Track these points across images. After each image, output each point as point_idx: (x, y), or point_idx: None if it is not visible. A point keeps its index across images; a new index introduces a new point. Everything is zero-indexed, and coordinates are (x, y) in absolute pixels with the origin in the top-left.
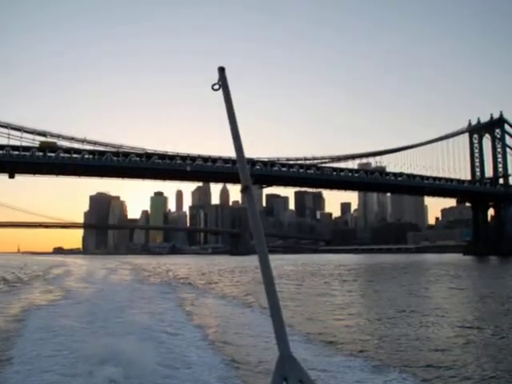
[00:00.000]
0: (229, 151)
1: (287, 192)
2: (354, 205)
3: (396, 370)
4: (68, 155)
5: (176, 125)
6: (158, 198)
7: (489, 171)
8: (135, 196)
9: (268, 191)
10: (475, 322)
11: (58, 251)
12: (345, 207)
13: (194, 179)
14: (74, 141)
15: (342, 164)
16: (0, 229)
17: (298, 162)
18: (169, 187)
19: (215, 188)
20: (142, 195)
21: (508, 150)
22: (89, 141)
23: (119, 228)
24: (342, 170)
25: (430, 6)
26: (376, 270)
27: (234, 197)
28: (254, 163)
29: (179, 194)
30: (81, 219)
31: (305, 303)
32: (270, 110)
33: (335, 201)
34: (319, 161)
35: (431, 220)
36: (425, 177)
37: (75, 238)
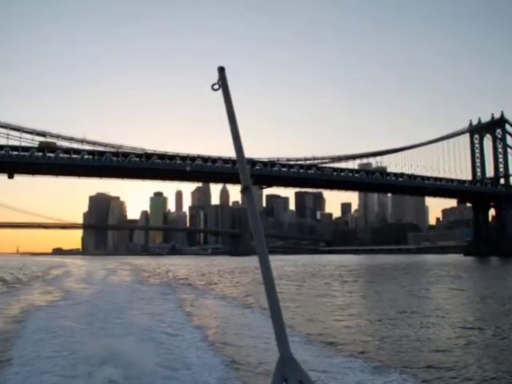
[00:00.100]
0: (229, 151)
1: (287, 192)
2: (355, 205)
3: (397, 371)
4: (67, 155)
5: (176, 125)
6: (158, 199)
7: (490, 171)
8: (135, 196)
9: (268, 191)
10: (476, 323)
11: (58, 252)
12: (345, 207)
13: (194, 179)
14: (74, 141)
15: (343, 164)
16: None
17: (298, 163)
18: (168, 187)
19: (215, 188)
20: (142, 195)
21: (509, 150)
22: (88, 141)
23: (119, 228)
24: (343, 171)
25: (430, 6)
26: (376, 271)
27: (234, 197)
28: (254, 163)
29: (179, 195)
30: (80, 220)
31: (305, 304)
32: (270, 110)
33: (336, 201)
34: (319, 161)
35: (432, 220)
36: (425, 177)
37: (74, 239)
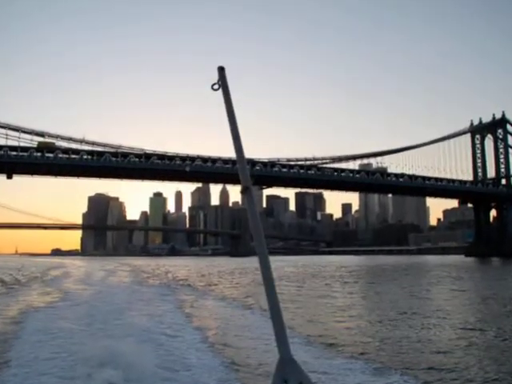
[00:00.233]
0: (229, 151)
1: (287, 193)
2: (355, 206)
3: (397, 373)
4: (66, 156)
5: (176, 125)
6: (157, 199)
7: (491, 172)
8: (134, 197)
9: (268, 192)
10: (477, 324)
11: (56, 253)
12: (346, 208)
13: (194, 180)
14: (73, 141)
15: (343, 165)
16: None
17: (299, 163)
18: (168, 188)
19: (215, 189)
20: (141, 196)
21: (510, 151)
22: (87, 141)
23: (118, 229)
24: (343, 171)
25: (430, 6)
26: (377, 272)
27: (234, 198)
28: (254, 164)
29: (178, 195)
30: (79, 220)
31: (305, 305)
32: (270, 110)
33: (336, 202)
34: (320, 161)
35: (433, 221)
36: (426, 177)
37: (73, 240)
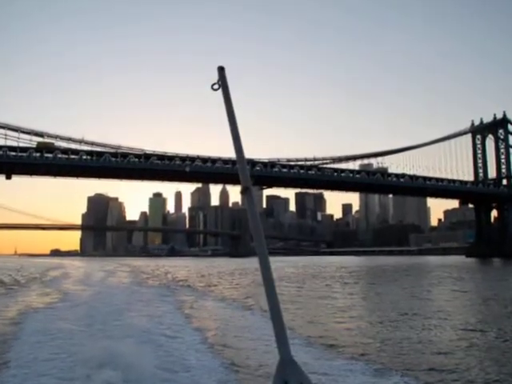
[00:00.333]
0: (228, 152)
1: (288, 193)
2: (356, 206)
3: (398, 374)
4: (66, 156)
5: (175, 125)
6: (157, 200)
7: (492, 172)
8: (134, 197)
9: (268, 192)
10: (478, 325)
11: (56, 253)
12: (346, 208)
13: (194, 180)
14: (72, 141)
15: (343, 165)
16: None
17: (299, 163)
18: (168, 188)
19: (215, 189)
20: (141, 196)
21: (511, 151)
22: (87, 141)
23: (117, 230)
24: (343, 171)
25: (430, 6)
26: (378, 273)
27: (234, 198)
28: (254, 164)
29: (178, 195)
30: (78, 221)
31: (306, 306)
32: (270, 110)
33: (336, 202)
34: (320, 161)
35: (434, 221)
36: (427, 178)
37: (73, 240)
